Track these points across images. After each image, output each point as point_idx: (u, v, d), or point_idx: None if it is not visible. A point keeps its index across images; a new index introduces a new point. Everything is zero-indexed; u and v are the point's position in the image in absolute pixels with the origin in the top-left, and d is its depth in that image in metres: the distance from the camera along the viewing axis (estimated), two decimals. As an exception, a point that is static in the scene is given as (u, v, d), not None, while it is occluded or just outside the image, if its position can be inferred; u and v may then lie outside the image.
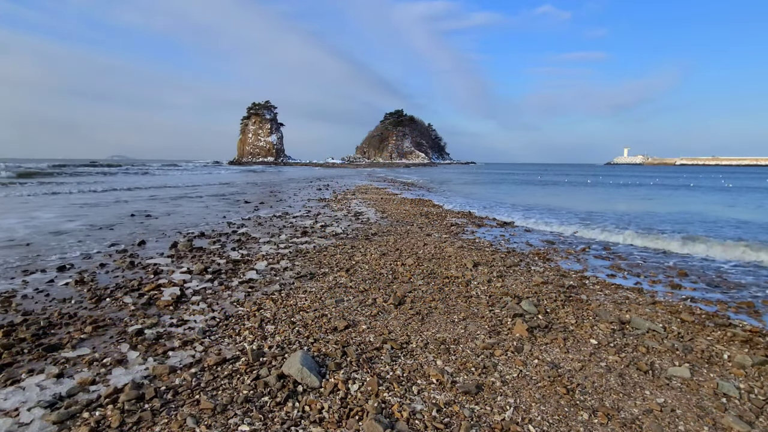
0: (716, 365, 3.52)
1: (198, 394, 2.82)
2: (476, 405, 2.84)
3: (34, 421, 2.54)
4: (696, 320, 4.50)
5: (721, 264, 7.37)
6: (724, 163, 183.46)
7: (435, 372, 3.20)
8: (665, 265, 7.21)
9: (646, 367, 3.41)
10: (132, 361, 3.28)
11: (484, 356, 3.53)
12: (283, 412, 2.67)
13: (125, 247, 7.39)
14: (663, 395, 3.05)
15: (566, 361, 3.50)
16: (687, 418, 2.79)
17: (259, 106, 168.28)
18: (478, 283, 5.55)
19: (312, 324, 4.07)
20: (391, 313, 4.46)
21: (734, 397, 3.05)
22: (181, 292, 4.88)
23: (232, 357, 3.35)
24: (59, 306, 4.47)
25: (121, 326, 3.95)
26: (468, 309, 4.63)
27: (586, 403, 2.91)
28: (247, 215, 12.10)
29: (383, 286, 5.36)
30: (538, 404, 2.88)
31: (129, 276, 5.61)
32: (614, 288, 5.64)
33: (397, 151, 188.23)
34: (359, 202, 16.16)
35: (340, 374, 3.12)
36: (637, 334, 4.09)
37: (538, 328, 4.13)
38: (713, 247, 8.41)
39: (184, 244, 7.47)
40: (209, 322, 4.08)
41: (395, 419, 2.64)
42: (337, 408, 2.72)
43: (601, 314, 4.48)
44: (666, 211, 15.76)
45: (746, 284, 6.09)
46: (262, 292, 5.01)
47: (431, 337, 3.88)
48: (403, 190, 25.04)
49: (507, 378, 3.20)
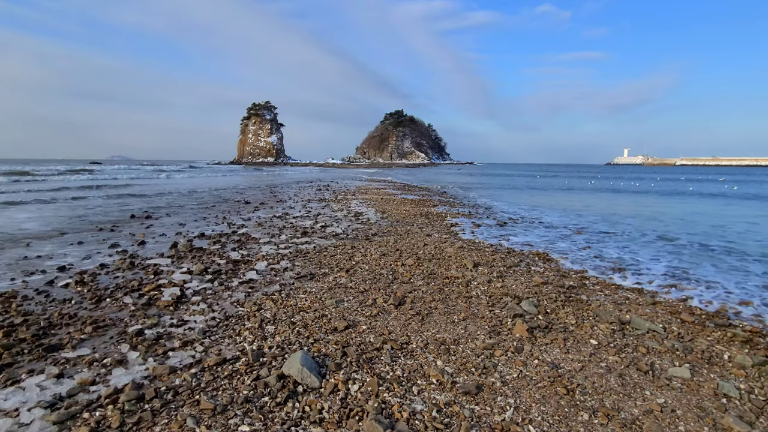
0: (716, 366, 3.52)
1: (198, 395, 2.82)
2: (476, 405, 2.84)
3: (35, 421, 2.54)
4: (696, 320, 4.50)
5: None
6: (724, 163, 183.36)
7: (435, 372, 3.20)
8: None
9: (646, 368, 3.41)
10: (132, 362, 3.28)
11: (485, 356, 3.53)
12: (284, 413, 2.66)
13: (125, 248, 7.39)
14: (663, 396, 3.05)
15: (566, 362, 3.50)
16: (687, 419, 2.79)
17: (259, 107, 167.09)
18: (478, 284, 5.55)
19: (312, 324, 4.07)
20: (391, 313, 4.46)
21: (734, 397, 3.05)
22: (181, 293, 4.89)
23: (233, 357, 3.35)
24: (59, 306, 4.47)
25: (122, 326, 3.96)
26: (468, 309, 4.64)
27: (586, 404, 2.91)
28: (247, 216, 12.10)
29: (383, 286, 5.36)
30: (538, 404, 2.88)
31: (129, 276, 5.61)
32: (614, 288, 5.64)
33: (397, 151, 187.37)
34: (359, 203, 16.16)
35: (340, 374, 3.12)
36: (637, 335, 4.09)
37: (538, 329, 4.13)
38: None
39: (184, 245, 7.47)
40: (209, 323, 4.09)
41: (395, 419, 2.64)
42: (338, 408, 2.72)
43: (602, 314, 4.48)
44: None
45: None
46: (262, 293, 5.01)
47: (431, 337, 3.88)
48: (402, 191, 25.00)
49: (507, 378, 3.20)
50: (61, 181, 28.56)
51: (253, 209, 13.86)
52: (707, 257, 7.97)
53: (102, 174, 39.07)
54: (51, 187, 22.68)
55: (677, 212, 16.12)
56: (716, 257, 7.97)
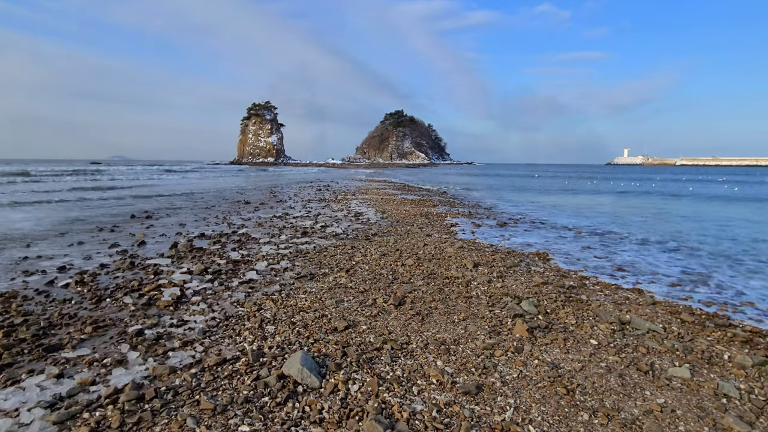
0: (716, 366, 3.52)
1: (198, 395, 2.82)
2: (476, 405, 2.84)
3: (34, 421, 2.54)
4: (696, 321, 4.49)
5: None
6: (724, 163, 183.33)
7: (435, 372, 3.20)
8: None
9: (646, 368, 3.41)
10: (132, 362, 3.28)
11: (485, 357, 3.53)
12: (284, 413, 2.67)
13: (125, 248, 7.39)
14: (663, 395, 3.05)
15: (566, 362, 3.50)
16: (687, 419, 2.79)
17: (259, 107, 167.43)
18: (478, 284, 5.55)
19: (312, 324, 4.07)
20: (391, 313, 4.46)
21: (734, 397, 3.05)
22: (181, 293, 4.88)
23: (233, 357, 3.35)
24: (59, 306, 4.47)
25: (122, 327, 3.96)
26: (468, 309, 4.63)
27: (586, 404, 2.91)
28: (247, 216, 12.10)
29: (383, 286, 5.36)
30: (538, 405, 2.88)
31: (129, 276, 5.61)
32: (614, 288, 5.64)
33: (397, 151, 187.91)
34: (359, 203, 16.16)
35: (340, 375, 3.12)
36: (637, 335, 4.09)
37: (538, 329, 4.13)
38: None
39: (184, 245, 7.47)
40: (209, 323, 4.09)
41: (395, 420, 2.64)
42: (338, 408, 2.72)
43: (601, 314, 4.48)
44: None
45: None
46: (262, 293, 5.02)
47: (431, 337, 3.88)
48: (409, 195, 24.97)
49: (507, 378, 3.20)
50: (61, 182, 28.57)
51: (253, 209, 13.86)
52: (715, 258, 7.97)
53: (105, 174, 39.08)
54: (52, 188, 22.68)
55: (682, 212, 16.12)
56: (726, 258, 7.96)
